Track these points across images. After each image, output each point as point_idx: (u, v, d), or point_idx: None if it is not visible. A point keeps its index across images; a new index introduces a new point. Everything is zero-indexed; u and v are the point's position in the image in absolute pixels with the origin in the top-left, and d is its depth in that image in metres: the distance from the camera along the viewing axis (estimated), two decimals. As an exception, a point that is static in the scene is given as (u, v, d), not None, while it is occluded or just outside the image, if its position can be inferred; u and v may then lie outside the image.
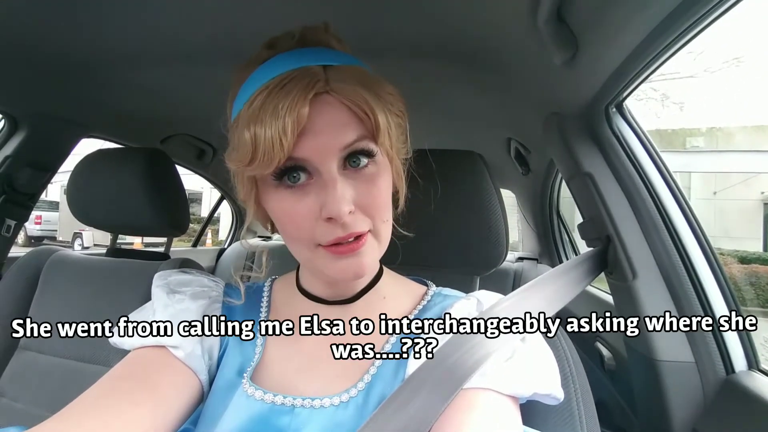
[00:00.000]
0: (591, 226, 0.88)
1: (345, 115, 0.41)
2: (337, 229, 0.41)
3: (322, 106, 0.40)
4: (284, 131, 0.38)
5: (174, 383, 0.44)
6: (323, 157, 0.41)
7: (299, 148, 0.40)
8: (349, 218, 0.41)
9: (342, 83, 0.41)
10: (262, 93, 0.40)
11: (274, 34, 0.48)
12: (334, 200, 0.40)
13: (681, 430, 0.72)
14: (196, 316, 0.49)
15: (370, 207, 0.43)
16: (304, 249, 0.44)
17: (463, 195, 0.68)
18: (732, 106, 13.39)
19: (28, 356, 0.95)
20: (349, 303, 0.51)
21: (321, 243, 0.43)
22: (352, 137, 0.41)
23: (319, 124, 0.40)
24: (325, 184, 0.41)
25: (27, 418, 0.85)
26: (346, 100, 0.41)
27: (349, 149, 0.42)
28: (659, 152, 0.82)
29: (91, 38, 0.85)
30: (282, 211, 0.43)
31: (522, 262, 1.93)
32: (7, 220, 1.15)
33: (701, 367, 0.72)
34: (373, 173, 0.43)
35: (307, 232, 0.43)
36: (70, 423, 0.38)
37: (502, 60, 0.85)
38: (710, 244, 0.77)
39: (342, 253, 0.43)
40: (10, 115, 1.10)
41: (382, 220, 0.45)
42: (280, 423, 0.43)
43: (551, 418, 0.52)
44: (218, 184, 2.08)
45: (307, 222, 0.42)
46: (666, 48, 0.60)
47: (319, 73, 0.41)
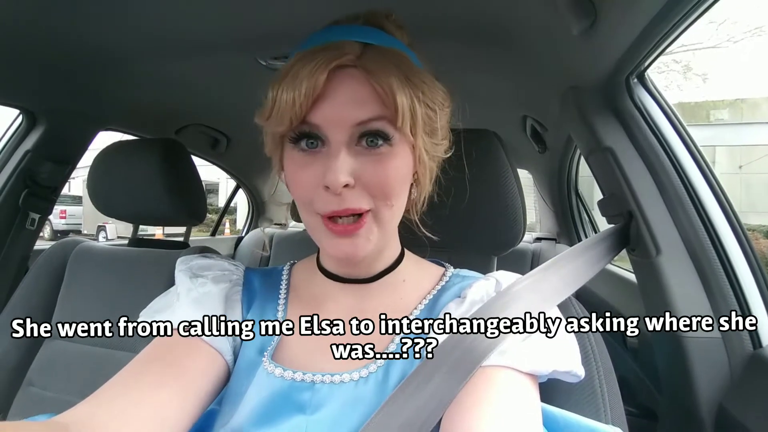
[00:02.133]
0: (612, 202, 0.85)
1: (366, 91, 0.42)
2: (333, 201, 0.42)
3: (345, 78, 0.42)
4: (299, 93, 0.40)
5: (201, 364, 0.45)
6: (334, 127, 0.42)
7: (314, 114, 0.41)
8: (347, 192, 0.42)
9: (373, 61, 0.42)
10: (295, 59, 0.42)
11: (286, 23, 0.48)
12: (333, 169, 0.41)
13: (707, 407, 0.70)
14: (218, 299, 0.50)
15: (373, 186, 0.43)
16: (305, 214, 0.46)
17: (478, 175, 0.67)
18: (757, 77, 12.85)
19: (57, 345, 0.98)
20: (367, 283, 0.51)
21: (318, 212, 0.44)
22: (368, 115, 0.42)
23: (338, 94, 0.41)
24: (330, 153, 0.42)
25: (57, 406, 0.88)
26: (371, 77, 0.41)
27: (364, 127, 0.42)
28: (684, 123, 0.78)
29: (106, 32, 0.86)
30: (290, 173, 0.45)
31: (540, 242, 1.91)
32: (31, 214, 1.18)
33: (728, 342, 0.70)
34: (385, 154, 0.43)
35: (307, 197, 0.44)
36: (102, 405, 0.40)
37: (516, 35, 0.82)
38: (739, 219, 0.74)
39: (336, 232, 0.43)
40: (28, 111, 1.12)
41: (385, 203, 0.44)
42: (300, 399, 0.44)
43: (574, 396, 0.52)
44: (233, 173, 2.10)
45: (308, 187, 0.43)
46: (688, 12, 0.58)
47: (353, 48, 0.42)
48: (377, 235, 0.45)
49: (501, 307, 0.47)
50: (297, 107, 0.40)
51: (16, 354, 0.98)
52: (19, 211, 1.16)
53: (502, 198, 0.67)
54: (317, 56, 0.41)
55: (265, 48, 0.92)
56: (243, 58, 0.97)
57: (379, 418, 0.40)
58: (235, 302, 0.52)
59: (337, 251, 0.44)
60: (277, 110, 0.41)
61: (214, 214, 2.80)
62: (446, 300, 0.51)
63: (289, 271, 0.58)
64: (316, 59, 0.41)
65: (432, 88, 0.46)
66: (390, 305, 0.51)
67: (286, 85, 0.41)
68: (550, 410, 0.45)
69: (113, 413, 0.39)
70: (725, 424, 0.68)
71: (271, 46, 0.91)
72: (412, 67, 0.44)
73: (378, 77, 0.41)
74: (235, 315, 0.51)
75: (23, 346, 0.99)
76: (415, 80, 0.43)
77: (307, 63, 0.41)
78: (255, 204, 2.34)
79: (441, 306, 0.50)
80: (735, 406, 0.67)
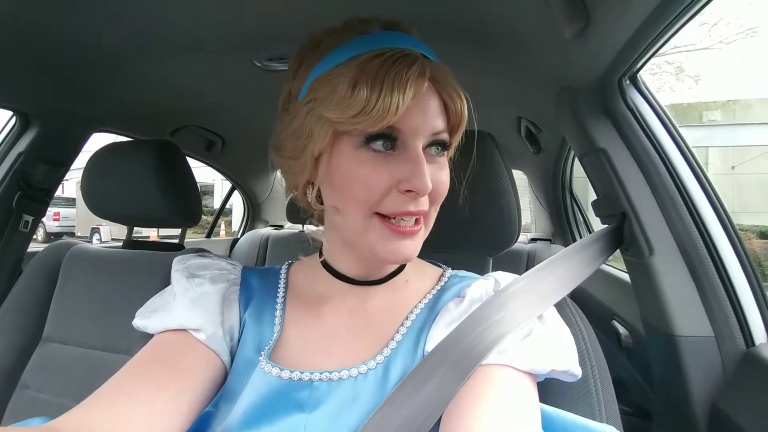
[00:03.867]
0: (605, 202, 0.86)
1: (439, 104, 0.45)
2: (410, 203, 0.44)
3: (426, 90, 0.43)
4: (403, 99, 0.40)
5: (197, 366, 0.45)
6: (415, 135, 0.44)
7: (403, 120, 0.42)
8: (424, 197, 0.44)
9: (440, 76, 0.44)
10: (378, 58, 0.42)
11: (282, 25, 0.48)
12: (422, 175, 0.42)
13: (700, 405, 0.71)
14: (216, 299, 0.50)
15: (435, 191, 0.45)
16: (359, 217, 0.45)
17: (474, 176, 0.67)
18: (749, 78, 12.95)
19: (51, 348, 0.98)
20: (375, 284, 0.52)
21: (382, 212, 0.44)
22: (441, 126, 0.45)
23: (424, 105, 0.44)
24: (410, 159, 0.43)
25: (52, 408, 0.87)
26: (443, 92, 0.45)
27: (435, 137, 0.45)
28: (676, 125, 0.79)
29: (100, 33, 0.85)
30: (357, 173, 0.44)
31: (535, 243, 1.91)
32: (24, 216, 1.17)
33: (720, 341, 0.71)
34: (442, 163, 0.47)
35: (375, 198, 0.44)
36: (98, 409, 0.39)
37: (511, 37, 0.82)
38: (730, 219, 0.75)
39: (402, 233, 0.44)
40: (21, 112, 1.11)
41: (434, 207, 0.47)
42: (299, 397, 0.44)
43: (568, 395, 0.52)
44: (229, 174, 2.09)
45: (380, 189, 0.43)
46: (680, 14, 0.58)
47: (424, 60, 0.43)
48: (424, 236, 0.48)
49: (499, 306, 0.47)
50: (395, 111, 0.40)
51: (10, 356, 0.97)
52: (13, 213, 1.15)
53: (497, 199, 0.68)
54: (407, 62, 0.41)
55: (261, 49, 0.92)
56: (238, 59, 0.97)
57: (379, 416, 0.40)
58: (232, 302, 0.52)
59: (394, 254, 0.45)
60: (376, 111, 0.40)
61: (209, 215, 2.79)
62: (446, 300, 0.51)
63: (287, 270, 0.57)
64: (409, 66, 0.41)
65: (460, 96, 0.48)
66: (392, 305, 0.51)
67: (384, 85, 0.40)
68: (545, 409, 0.45)
69: (109, 418, 0.38)
70: (718, 422, 0.69)
71: (267, 48, 0.91)
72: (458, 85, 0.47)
73: (448, 92, 0.45)
74: (233, 315, 0.51)
75: (18, 349, 0.98)
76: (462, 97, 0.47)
77: (401, 67, 0.41)
78: (250, 205, 2.34)
79: (441, 305, 0.51)
80: (728, 404, 0.68)
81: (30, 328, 0.99)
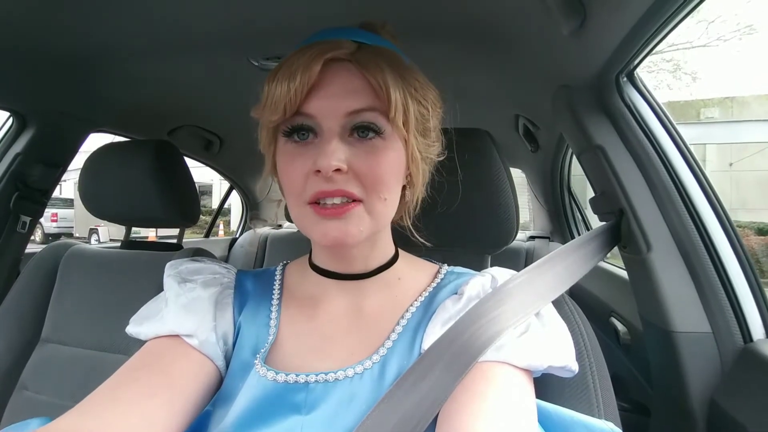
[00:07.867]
0: (603, 200, 0.86)
1: (360, 83, 0.43)
2: (323, 184, 0.42)
3: (339, 70, 0.43)
4: (294, 83, 0.41)
5: (190, 372, 0.45)
6: (327, 116, 0.43)
7: (308, 104, 0.43)
8: (339, 177, 0.42)
9: (367, 56, 0.44)
10: (291, 54, 0.44)
11: (278, 24, 0.49)
12: (325, 153, 0.42)
13: (699, 401, 0.71)
14: (208, 304, 0.50)
15: (365, 176, 0.43)
16: (294, 205, 0.46)
17: (472, 174, 0.67)
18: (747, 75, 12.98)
19: (50, 348, 0.98)
20: (362, 279, 0.51)
21: (307, 199, 0.44)
22: (360, 105, 0.43)
23: (332, 85, 0.43)
24: (323, 142, 0.43)
25: (51, 409, 0.87)
26: (364, 69, 0.43)
27: (356, 117, 0.43)
28: (673, 121, 0.79)
29: (96, 33, 0.85)
30: (283, 164, 0.46)
31: (534, 240, 1.92)
32: (22, 217, 1.17)
33: (718, 337, 0.71)
34: (377, 146, 0.44)
35: (297, 187, 0.44)
36: (89, 416, 0.39)
37: (508, 34, 0.82)
38: (728, 215, 0.75)
39: (324, 214, 0.43)
40: (18, 113, 1.11)
41: (378, 196, 0.45)
42: (295, 400, 0.43)
43: (566, 391, 0.52)
44: (227, 174, 2.09)
45: (298, 176, 0.44)
46: (677, 10, 0.58)
47: (346, 44, 0.44)
48: (369, 226, 0.45)
49: (496, 303, 0.47)
50: (292, 95, 0.41)
51: (9, 357, 0.97)
52: (10, 214, 1.15)
53: (495, 197, 0.68)
54: (312, 49, 0.43)
55: (258, 49, 0.92)
56: (235, 58, 0.97)
57: (376, 414, 0.40)
58: (226, 306, 0.51)
59: (325, 236, 0.44)
60: (271, 100, 0.43)
61: (207, 215, 2.79)
62: (443, 297, 0.51)
63: (282, 271, 0.57)
64: (311, 51, 0.42)
65: (424, 86, 0.47)
66: (386, 303, 0.51)
67: (282, 76, 0.42)
68: (543, 405, 0.46)
69: (100, 424, 0.38)
70: (717, 418, 0.69)
71: (264, 47, 0.91)
72: (404, 65, 0.46)
73: (371, 70, 0.43)
74: (227, 319, 0.50)
75: (16, 350, 0.98)
76: (407, 76, 0.45)
77: (302, 55, 0.42)
78: (249, 205, 2.33)
79: (437, 303, 0.50)
80: (726, 400, 0.68)
81: (28, 329, 0.99)
